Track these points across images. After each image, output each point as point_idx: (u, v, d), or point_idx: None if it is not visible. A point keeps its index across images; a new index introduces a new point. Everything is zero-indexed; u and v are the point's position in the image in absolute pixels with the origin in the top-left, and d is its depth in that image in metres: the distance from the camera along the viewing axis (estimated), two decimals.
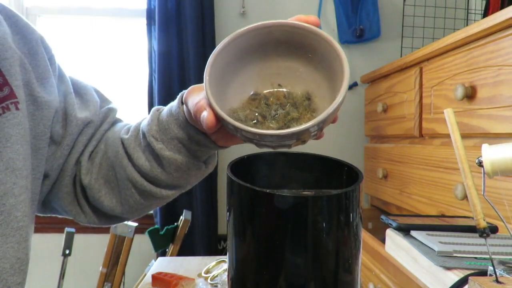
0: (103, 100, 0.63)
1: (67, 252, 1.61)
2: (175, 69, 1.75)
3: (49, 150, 0.54)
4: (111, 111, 0.62)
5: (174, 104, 0.53)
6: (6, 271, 0.44)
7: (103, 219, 0.61)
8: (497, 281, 0.39)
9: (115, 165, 0.56)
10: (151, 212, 1.89)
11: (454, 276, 0.56)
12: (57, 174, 0.57)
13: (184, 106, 0.50)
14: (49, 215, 0.61)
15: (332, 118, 0.39)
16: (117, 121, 0.63)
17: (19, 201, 0.47)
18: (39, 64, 0.53)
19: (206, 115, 0.41)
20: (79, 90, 0.60)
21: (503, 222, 0.43)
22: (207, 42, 1.74)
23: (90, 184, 0.57)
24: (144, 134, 0.54)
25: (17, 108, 0.48)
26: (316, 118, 0.36)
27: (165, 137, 0.52)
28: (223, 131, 0.49)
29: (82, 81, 0.62)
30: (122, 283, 1.61)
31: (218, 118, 0.40)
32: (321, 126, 0.38)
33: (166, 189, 0.57)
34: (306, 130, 0.36)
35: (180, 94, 0.52)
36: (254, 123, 0.42)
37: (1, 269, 0.44)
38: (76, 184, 0.58)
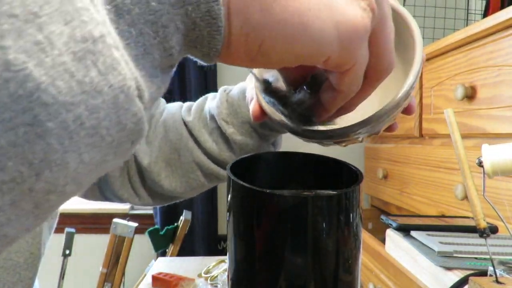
0: None
1: (67, 252, 1.61)
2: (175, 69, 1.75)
3: None
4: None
5: (244, 84, 0.51)
6: (20, 265, 0.45)
7: (158, 200, 0.59)
8: (497, 281, 0.39)
9: (179, 147, 0.54)
10: (151, 212, 1.89)
11: (454, 277, 0.56)
12: None
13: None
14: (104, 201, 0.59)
15: (405, 101, 0.34)
16: (164, 109, 0.60)
17: None
18: None
19: (252, 108, 0.40)
20: None
21: (503, 222, 0.43)
22: None
23: (150, 166, 0.55)
24: (212, 116, 0.53)
25: None
26: (385, 104, 0.32)
27: (236, 120, 0.51)
28: None
29: None
30: (122, 283, 1.61)
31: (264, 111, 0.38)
32: (399, 107, 0.33)
33: None
34: (383, 115, 0.32)
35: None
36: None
37: (15, 263, 0.44)
38: (130, 168, 0.57)
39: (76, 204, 2.00)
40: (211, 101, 0.55)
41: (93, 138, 0.16)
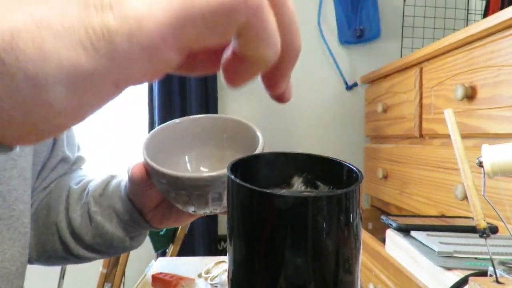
0: (78, 147, 0.64)
1: None
2: None
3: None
4: (81, 159, 0.63)
5: (126, 179, 0.55)
6: (12, 273, 0.45)
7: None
8: (497, 281, 0.39)
9: (51, 206, 0.56)
10: None
11: (454, 277, 0.56)
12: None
13: (127, 181, 0.51)
14: None
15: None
16: (78, 170, 0.64)
17: (27, 208, 0.48)
18: None
19: (133, 166, 0.46)
20: (68, 132, 0.61)
21: (503, 223, 0.43)
22: None
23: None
24: (88, 192, 0.56)
25: None
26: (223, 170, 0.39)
27: (104, 202, 0.54)
28: (160, 211, 0.52)
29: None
30: (122, 284, 1.61)
31: (145, 168, 0.45)
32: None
33: (85, 249, 0.56)
34: (220, 177, 0.40)
35: None
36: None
37: (9, 271, 0.45)
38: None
39: None
40: (98, 178, 0.58)
41: None
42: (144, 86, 1.81)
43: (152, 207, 0.51)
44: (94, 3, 0.18)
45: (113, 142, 1.95)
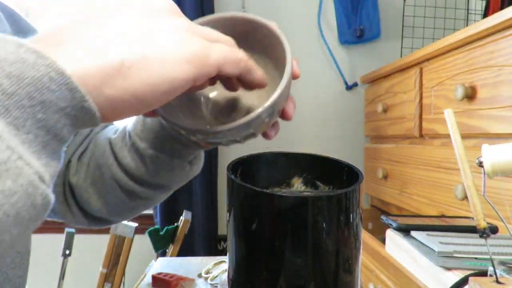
0: None
1: (67, 252, 1.61)
2: None
3: None
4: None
5: None
6: (6, 265, 0.44)
7: (91, 220, 0.61)
8: (497, 281, 0.39)
9: (101, 164, 0.56)
10: (151, 212, 1.89)
11: (454, 277, 0.56)
12: None
13: None
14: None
15: (281, 105, 0.39)
16: (108, 124, 0.63)
17: None
18: None
19: None
20: None
21: (503, 223, 0.43)
22: None
23: (78, 183, 0.57)
24: (129, 134, 0.55)
25: None
26: (264, 104, 0.36)
27: (149, 136, 0.53)
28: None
29: None
30: (122, 284, 1.61)
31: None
32: (270, 112, 0.37)
33: (150, 189, 0.56)
34: (257, 117, 0.36)
35: None
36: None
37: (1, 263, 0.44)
38: (65, 183, 0.58)
39: None
40: (131, 121, 0.57)
41: (16, 219, 0.24)
42: None
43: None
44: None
45: None
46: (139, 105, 0.29)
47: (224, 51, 0.32)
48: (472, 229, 0.70)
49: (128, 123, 0.58)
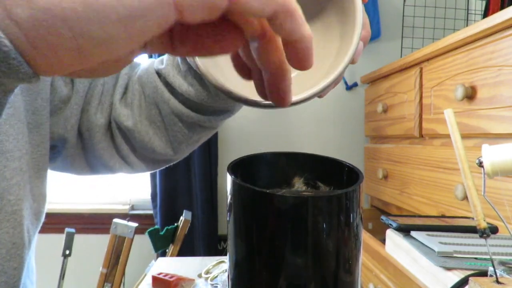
0: None
1: (67, 252, 1.61)
2: None
3: (56, 119, 0.51)
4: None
5: None
6: (2, 257, 0.44)
7: (151, 164, 0.59)
8: (497, 281, 0.39)
9: (157, 101, 0.53)
10: (151, 212, 1.89)
11: (454, 277, 0.56)
12: (75, 135, 0.54)
13: None
14: (98, 174, 0.58)
15: (340, 78, 0.36)
16: (138, 68, 0.59)
17: (11, 184, 0.44)
18: None
19: None
20: None
21: (503, 223, 0.43)
22: None
23: (136, 127, 0.54)
24: (183, 58, 0.51)
25: None
26: (341, 63, 0.33)
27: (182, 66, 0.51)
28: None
29: None
30: (122, 284, 1.61)
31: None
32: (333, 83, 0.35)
33: (213, 115, 0.54)
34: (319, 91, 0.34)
35: None
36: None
37: None
38: (115, 136, 0.55)
39: (76, 204, 2.00)
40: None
41: None
42: None
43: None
44: None
45: None
46: (85, 44, 0.21)
47: None
48: (472, 229, 0.70)
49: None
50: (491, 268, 0.43)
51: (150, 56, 1.42)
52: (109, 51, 0.22)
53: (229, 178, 0.31)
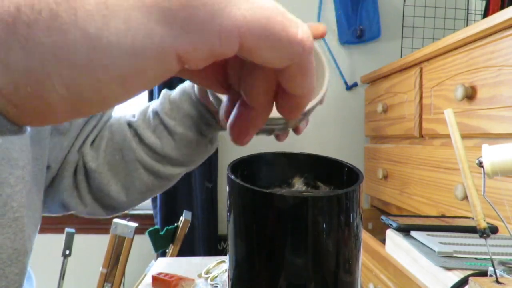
0: None
1: (67, 252, 1.61)
2: None
3: (53, 140, 0.55)
4: None
5: (185, 84, 0.58)
6: (3, 262, 0.44)
7: (105, 208, 0.62)
8: (497, 281, 0.39)
9: (122, 147, 0.58)
10: (151, 212, 1.89)
11: (454, 277, 0.56)
12: (58, 166, 0.58)
13: (195, 86, 0.55)
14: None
15: (313, 108, 0.43)
16: (111, 115, 0.66)
17: (15, 191, 0.46)
18: None
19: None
20: None
21: (503, 223, 0.43)
22: None
23: (98, 168, 0.58)
24: (156, 113, 0.58)
25: None
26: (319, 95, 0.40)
27: (177, 115, 0.57)
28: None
29: None
30: (122, 284, 1.61)
31: None
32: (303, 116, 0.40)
33: (173, 166, 0.60)
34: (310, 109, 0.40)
35: None
36: None
37: None
38: (78, 173, 0.59)
39: None
40: (153, 104, 0.60)
41: None
42: None
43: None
44: None
45: None
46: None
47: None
48: (472, 229, 0.70)
49: (150, 104, 0.61)
50: (491, 268, 0.43)
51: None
52: (104, 106, 0.20)
53: (229, 178, 0.31)
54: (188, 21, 0.18)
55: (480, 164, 0.43)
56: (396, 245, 0.77)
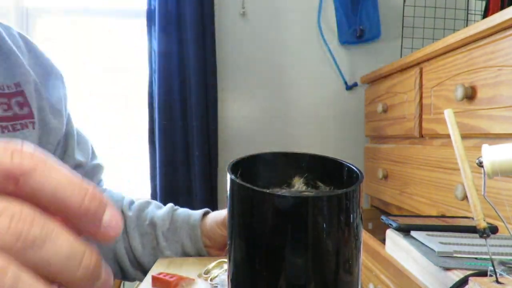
0: (93, 153, 0.68)
1: None
2: (175, 69, 1.75)
3: None
4: (99, 168, 0.67)
5: (194, 213, 0.61)
6: None
7: None
8: (497, 281, 0.39)
9: None
10: None
11: (454, 277, 0.56)
12: None
13: (205, 227, 0.58)
14: None
15: None
16: (101, 181, 0.68)
17: None
18: (53, 95, 0.59)
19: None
20: (78, 137, 0.66)
21: (503, 223, 0.43)
22: (207, 42, 1.74)
23: None
24: (154, 224, 0.59)
25: (33, 127, 0.53)
26: None
27: (172, 238, 0.58)
28: (217, 246, 0.57)
29: (83, 132, 0.69)
30: (122, 284, 1.60)
31: None
32: None
33: (142, 273, 0.60)
34: None
35: (204, 210, 0.59)
36: None
37: None
38: None
39: None
40: (156, 209, 0.61)
41: None
42: (144, 87, 1.81)
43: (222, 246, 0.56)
44: None
45: (112, 142, 1.95)
46: None
47: None
48: (472, 229, 0.70)
49: (151, 203, 0.62)
50: (491, 268, 0.43)
51: None
52: None
53: (229, 178, 0.31)
54: None
55: (480, 164, 0.43)
56: (396, 245, 0.77)
